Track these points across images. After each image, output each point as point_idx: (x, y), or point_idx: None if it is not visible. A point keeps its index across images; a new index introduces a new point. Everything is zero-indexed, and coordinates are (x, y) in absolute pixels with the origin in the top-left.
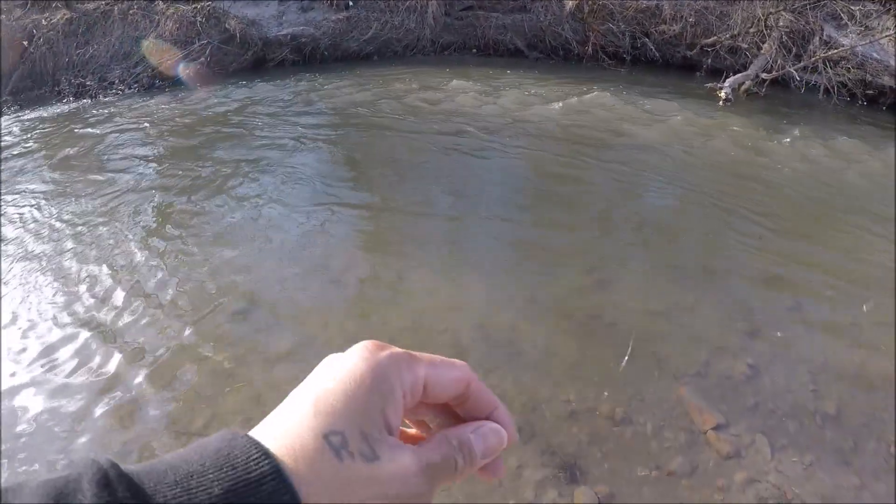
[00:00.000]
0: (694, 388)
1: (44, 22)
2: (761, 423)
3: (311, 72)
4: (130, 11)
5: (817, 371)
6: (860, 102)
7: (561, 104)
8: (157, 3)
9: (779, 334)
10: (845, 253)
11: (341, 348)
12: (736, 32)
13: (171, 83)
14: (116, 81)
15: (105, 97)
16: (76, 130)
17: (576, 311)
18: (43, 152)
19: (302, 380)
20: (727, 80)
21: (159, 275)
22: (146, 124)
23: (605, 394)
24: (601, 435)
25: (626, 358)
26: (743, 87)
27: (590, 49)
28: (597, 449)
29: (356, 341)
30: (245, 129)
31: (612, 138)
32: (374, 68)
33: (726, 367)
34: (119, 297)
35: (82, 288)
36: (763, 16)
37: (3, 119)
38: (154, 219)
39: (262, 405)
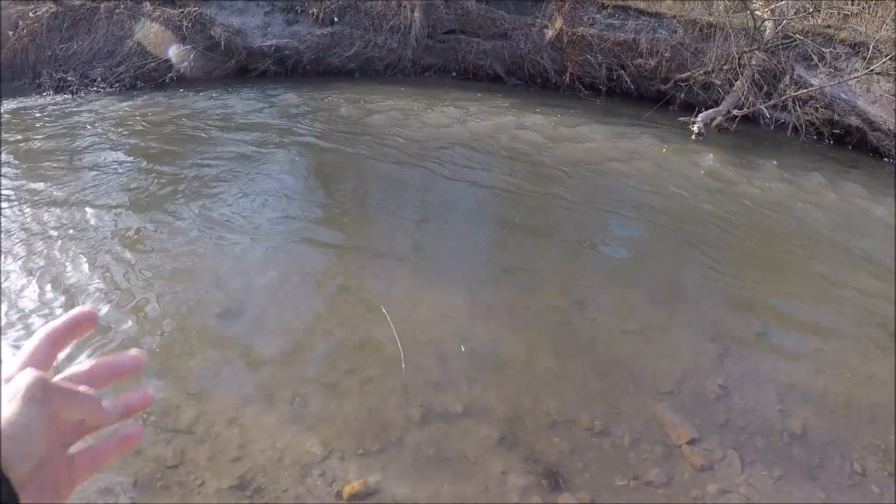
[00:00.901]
0: (668, 405)
1: (30, 14)
2: (732, 439)
3: (293, 84)
4: (117, 10)
5: (784, 392)
6: (827, 141)
7: (536, 132)
8: (144, 3)
9: (747, 356)
10: (809, 282)
11: (328, 355)
12: (710, 69)
13: (153, 85)
14: (98, 79)
15: (86, 94)
16: (52, 124)
17: (554, 328)
18: (14, 143)
19: (283, 381)
20: (699, 115)
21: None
22: (124, 123)
23: (584, 407)
24: (581, 445)
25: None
26: (715, 123)
27: (567, 78)
28: (577, 458)
29: (342, 350)
30: (220, 136)
31: (584, 167)
32: (355, 85)
33: (698, 385)
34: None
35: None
36: (737, 54)
37: None
38: (114, 220)
39: (250, 406)
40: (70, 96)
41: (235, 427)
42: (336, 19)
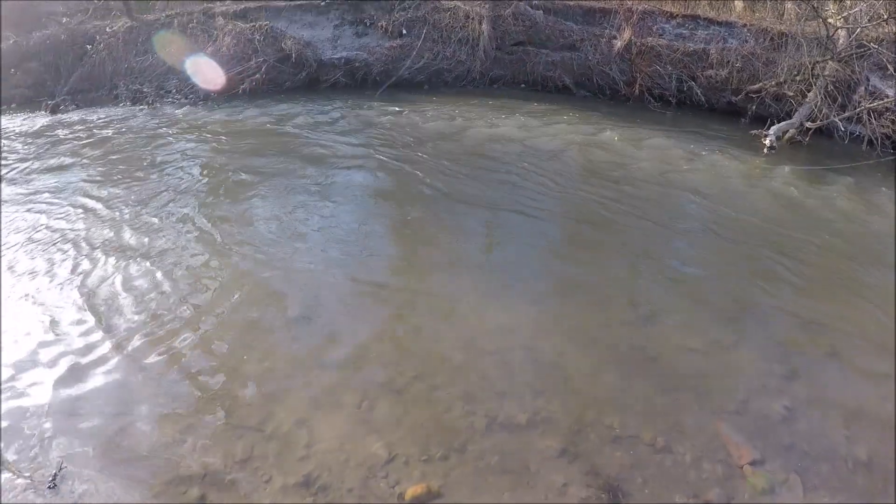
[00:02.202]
0: (732, 424)
1: (107, 29)
2: (795, 462)
3: (362, 96)
4: (190, 25)
5: (851, 417)
6: None
7: (605, 144)
8: (217, 18)
9: (815, 378)
10: (883, 304)
11: (396, 361)
12: (782, 80)
13: (226, 96)
14: (173, 90)
15: (161, 104)
16: (129, 133)
17: (619, 342)
18: (93, 151)
19: (352, 386)
20: (771, 128)
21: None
22: (198, 133)
23: (647, 422)
24: (642, 461)
25: None
26: (787, 136)
27: (636, 90)
28: (638, 474)
29: (409, 357)
30: (291, 147)
31: (653, 180)
32: (424, 96)
33: (763, 406)
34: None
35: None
36: (809, 64)
37: (60, 115)
38: (188, 224)
39: (318, 409)
40: (146, 107)
41: (304, 427)
42: (405, 32)
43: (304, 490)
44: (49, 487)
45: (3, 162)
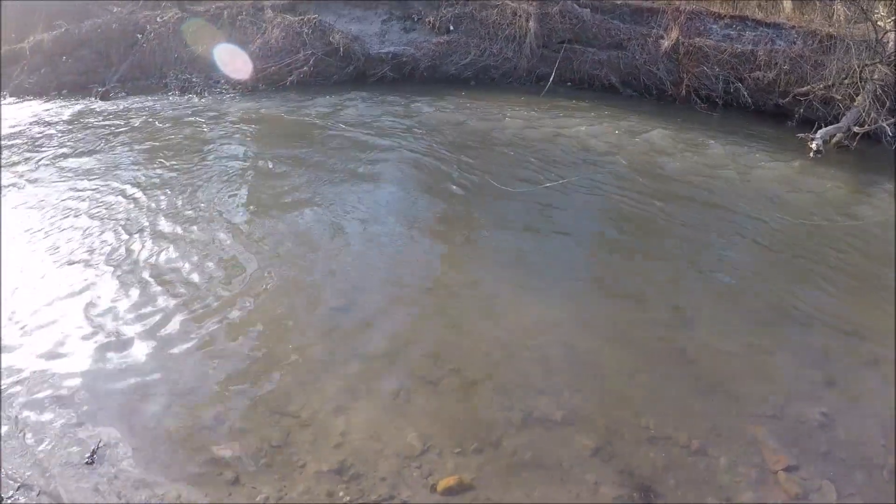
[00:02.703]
0: (768, 429)
1: (157, 19)
2: (831, 469)
3: (409, 90)
4: (239, 17)
5: (889, 426)
6: None
7: (650, 144)
8: (266, 11)
9: (854, 386)
10: None
11: (434, 354)
12: (830, 83)
13: (274, 88)
14: (222, 80)
15: (210, 94)
16: (178, 121)
17: (657, 343)
18: (143, 134)
19: (389, 376)
20: (818, 132)
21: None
22: (246, 123)
23: (682, 424)
24: (676, 463)
25: None
26: (834, 140)
27: (683, 90)
28: (671, 475)
29: (448, 350)
30: (338, 140)
31: (697, 182)
32: (471, 92)
33: (800, 412)
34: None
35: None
36: (858, 67)
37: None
38: (239, 207)
39: (355, 398)
40: (195, 96)
41: (340, 415)
42: (452, 28)
43: (338, 477)
44: (87, 463)
45: (55, 144)
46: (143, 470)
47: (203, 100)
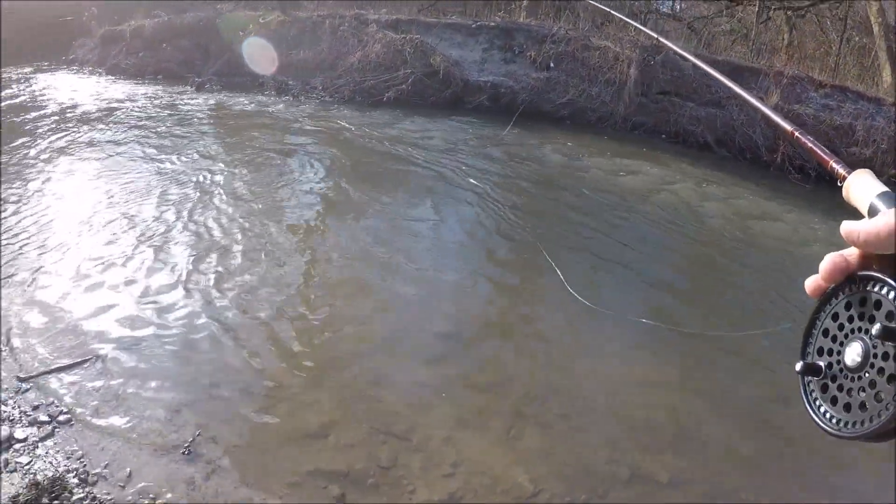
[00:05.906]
0: None
1: (259, 20)
2: None
3: (503, 122)
4: (341, 27)
5: None
6: None
7: (738, 212)
8: (370, 25)
9: None
10: None
11: (542, 395)
12: None
13: (370, 101)
14: (319, 87)
15: (305, 98)
16: (268, 118)
17: (756, 418)
18: (228, 127)
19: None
20: None
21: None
22: (338, 132)
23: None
24: None
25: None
26: None
27: (778, 157)
28: None
29: (556, 393)
30: (424, 163)
31: (782, 258)
32: (565, 132)
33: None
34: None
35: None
36: None
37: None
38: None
39: (466, 428)
40: (290, 98)
41: (450, 445)
42: (552, 65)
43: None
44: (183, 454)
45: (149, 125)
46: (241, 467)
47: (298, 103)
